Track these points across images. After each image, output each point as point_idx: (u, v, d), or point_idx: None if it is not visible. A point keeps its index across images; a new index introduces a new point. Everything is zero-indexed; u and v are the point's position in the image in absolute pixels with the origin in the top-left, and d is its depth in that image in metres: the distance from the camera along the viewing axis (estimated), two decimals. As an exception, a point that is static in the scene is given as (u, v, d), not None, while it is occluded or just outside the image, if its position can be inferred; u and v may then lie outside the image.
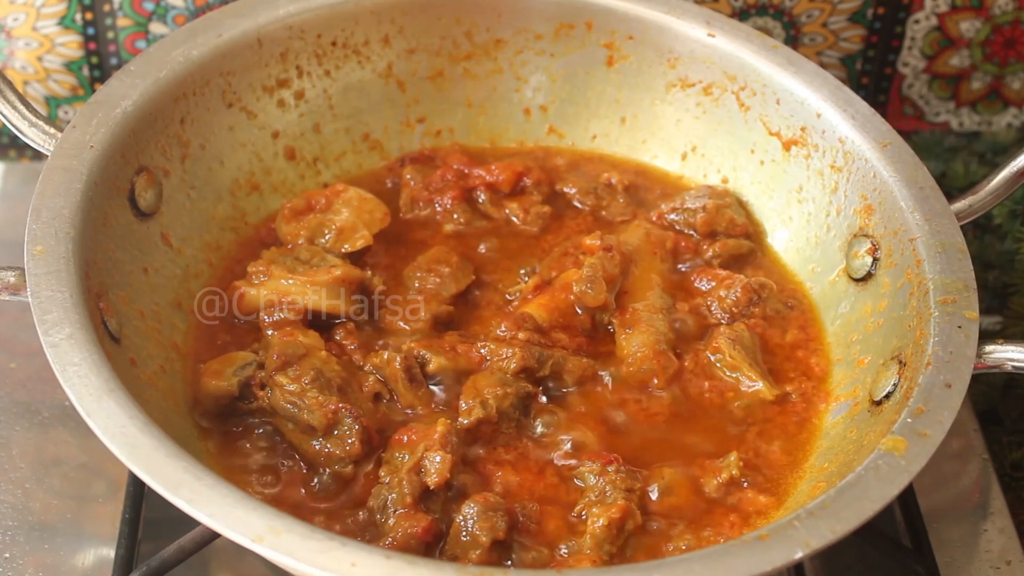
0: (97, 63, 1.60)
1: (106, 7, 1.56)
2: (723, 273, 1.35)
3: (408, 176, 1.43)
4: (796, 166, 1.40)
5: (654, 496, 1.16)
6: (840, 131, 1.35)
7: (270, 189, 1.42)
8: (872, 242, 1.31)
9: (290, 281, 1.27)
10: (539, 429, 1.21)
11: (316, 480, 1.17)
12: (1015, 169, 1.28)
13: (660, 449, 1.21)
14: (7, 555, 1.25)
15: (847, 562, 1.27)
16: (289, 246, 1.34)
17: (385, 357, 1.22)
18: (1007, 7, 1.64)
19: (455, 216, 1.41)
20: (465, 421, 1.18)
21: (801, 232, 1.40)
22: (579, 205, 1.44)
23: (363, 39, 1.45)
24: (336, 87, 1.45)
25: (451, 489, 1.13)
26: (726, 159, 1.45)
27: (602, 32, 1.47)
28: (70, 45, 1.59)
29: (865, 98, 1.38)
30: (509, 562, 1.10)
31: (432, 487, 1.12)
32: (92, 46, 1.59)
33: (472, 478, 1.16)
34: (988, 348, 1.15)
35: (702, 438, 1.23)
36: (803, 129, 1.38)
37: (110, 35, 1.58)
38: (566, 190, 1.45)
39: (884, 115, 1.49)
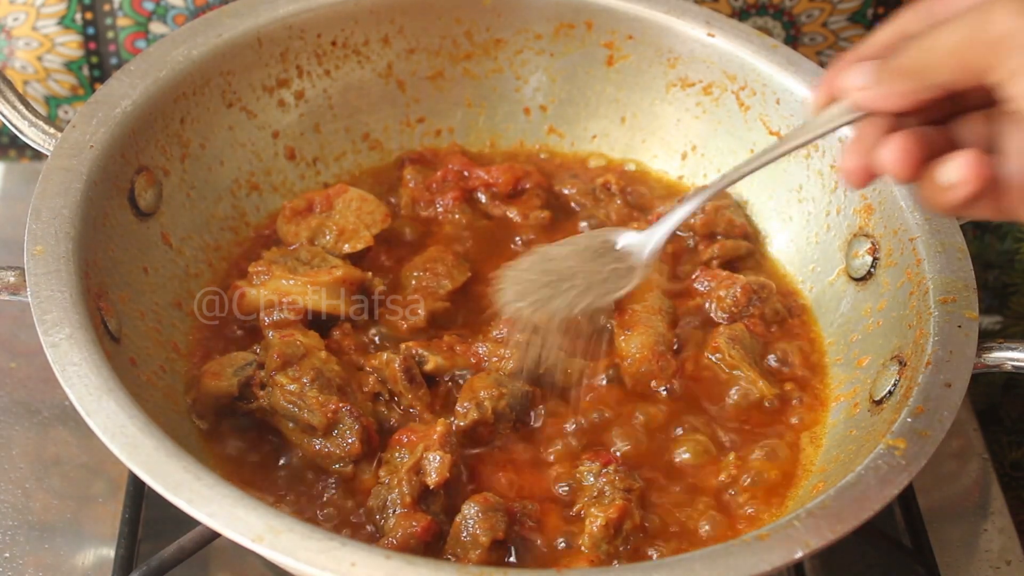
0: (97, 63, 1.60)
1: (106, 7, 1.56)
2: (723, 274, 1.35)
3: (408, 177, 1.43)
4: (796, 165, 1.40)
5: (652, 496, 1.16)
6: (840, 130, 1.34)
7: (270, 189, 1.42)
8: (872, 242, 1.31)
9: (291, 281, 1.27)
10: (537, 429, 1.21)
11: (316, 480, 1.17)
12: (1015, 169, 1.28)
13: (659, 449, 1.21)
14: (7, 555, 1.25)
15: (847, 562, 1.27)
16: (290, 246, 1.34)
17: (384, 358, 1.22)
18: (1007, 7, 1.64)
19: (456, 216, 1.41)
20: (462, 423, 1.18)
21: (801, 232, 1.40)
22: (576, 207, 1.44)
23: (363, 39, 1.45)
24: (336, 87, 1.45)
25: (450, 489, 1.13)
26: (726, 158, 1.45)
27: (602, 32, 1.47)
28: (70, 45, 1.59)
29: (865, 98, 1.38)
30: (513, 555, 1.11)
31: (432, 487, 1.12)
32: (92, 46, 1.59)
33: (471, 479, 1.16)
34: (988, 348, 1.15)
35: (701, 438, 1.23)
36: (803, 129, 1.38)
37: (110, 35, 1.58)
38: (565, 191, 1.45)
39: (884, 115, 1.49)
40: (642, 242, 1.19)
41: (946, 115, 0.94)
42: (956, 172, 0.90)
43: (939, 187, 0.92)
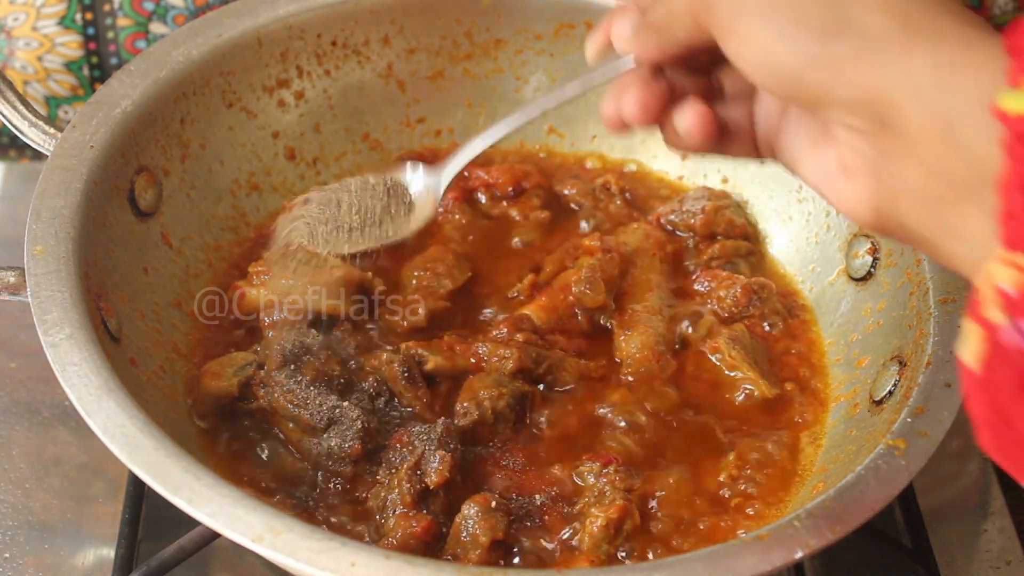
0: (97, 63, 1.60)
1: (106, 7, 1.56)
2: (723, 274, 1.35)
3: (408, 176, 1.43)
4: (796, 166, 1.40)
5: (653, 496, 1.16)
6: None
7: (270, 189, 1.42)
8: (872, 242, 1.31)
9: (291, 281, 1.27)
10: (537, 429, 1.21)
11: (316, 480, 1.17)
12: (1015, 169, 1.28)
13: (659, 449, 1.21)
14: (7, 555, 1.25)
15: (847, 562, 1.27)
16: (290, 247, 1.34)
17: (384, 358, 1.22)
18: (1007, 7, 1.64)
19: (456, 216, 1.41)
20: (461, 424, 1.18)
21: (801, 232, 1.40)
22: (576, 207, 1.44)
23: (363, 39, 1.45)
24: (336, 87, 1.45)
25: (450, 489, 1.13)
26: (726, 158, 1.45)
27: (602, 32, 1.46)
28: (70, 45, 1.59)
29: (865, 98, 1.38)
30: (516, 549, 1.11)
31: (432, 487, 1.12)
32: (92, 46, 1.59)
33: (471, 479, 1.16)
34: (988, 348, 1.15)
35: (701, 438, 1.23)
36: (803, 129, 1.38)
37: (110, 35, 1.58)
38: (565, 192, 1.45)
39: (884, 115, 1.49)
40: (431, 181, 1.18)
41: (713, 61, 0.95)
42: (683, 121, 0.95)
43: (675, 133, 0.97)
